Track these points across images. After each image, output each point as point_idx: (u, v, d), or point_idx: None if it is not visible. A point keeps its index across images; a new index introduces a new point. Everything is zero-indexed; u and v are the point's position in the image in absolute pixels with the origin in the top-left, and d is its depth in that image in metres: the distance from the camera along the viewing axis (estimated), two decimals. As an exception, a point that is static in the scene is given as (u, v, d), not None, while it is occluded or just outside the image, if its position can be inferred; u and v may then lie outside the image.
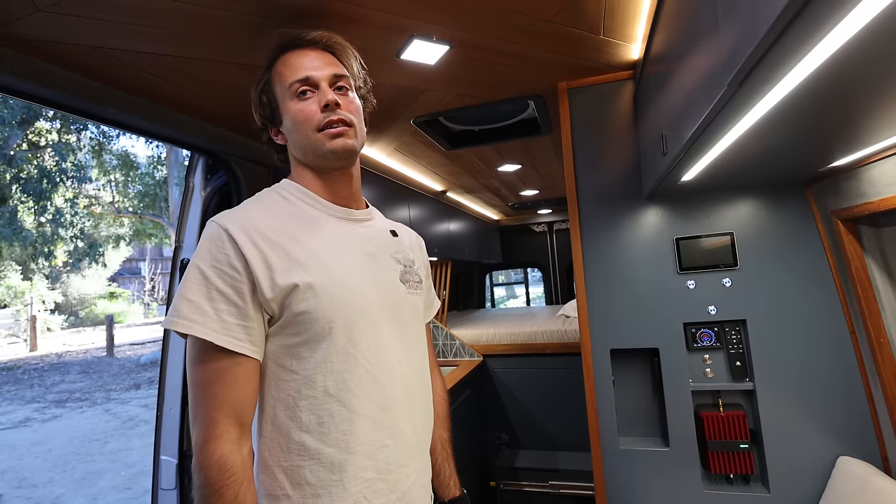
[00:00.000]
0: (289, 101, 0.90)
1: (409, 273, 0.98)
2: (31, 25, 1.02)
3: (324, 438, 0.79)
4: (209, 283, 0.77)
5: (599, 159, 1.70)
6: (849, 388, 1.40)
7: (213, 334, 0.75)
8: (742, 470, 1.49)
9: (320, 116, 0.88)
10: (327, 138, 0.88)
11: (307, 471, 0.79)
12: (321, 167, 0.92)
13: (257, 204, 0.89)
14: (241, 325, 0.77)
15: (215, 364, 0.76)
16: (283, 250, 0.81)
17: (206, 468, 0.72)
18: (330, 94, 0.88)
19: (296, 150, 0.94)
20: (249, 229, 0.81)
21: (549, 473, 2.81)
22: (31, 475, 4.68)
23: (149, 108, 1.42)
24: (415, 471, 0.90)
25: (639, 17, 1.29)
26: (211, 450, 0.73)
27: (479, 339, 3.32)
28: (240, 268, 0.78)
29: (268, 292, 0.78)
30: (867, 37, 0.49)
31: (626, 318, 1.61)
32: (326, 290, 0.80)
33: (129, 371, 9.72)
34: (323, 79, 0.90)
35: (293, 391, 0.80)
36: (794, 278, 1.48)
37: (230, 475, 0.73)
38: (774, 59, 0.57)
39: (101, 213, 14.74)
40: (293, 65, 0.91)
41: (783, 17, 0.48)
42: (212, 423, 0.74)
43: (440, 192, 3.44)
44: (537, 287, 6.52)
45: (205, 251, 0.79)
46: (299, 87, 0.89)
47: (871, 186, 1.15)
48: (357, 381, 0.81)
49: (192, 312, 0.76)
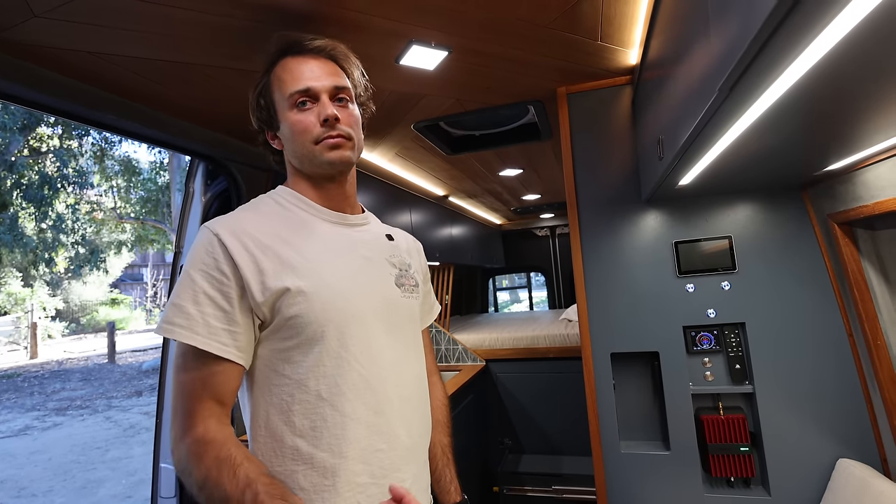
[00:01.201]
0: (288, 111, 0.89)
1: (404, 277, 0.97)
2: (28, 31, 1.03)
3: (316, 443, 0.79)
4: (196, 287, 0.77)
5: (599, 164, 1.71)
6: (847, 390, 1.41)
7: (198, 338, 0.75)
8: (743, 473, 1.48)
9: (319, 130, 0.87)
10: (325, 149, 0.88)
11: (300, 475, 0.78)
12: (317, 175, 0.93)
13: (251, 209, 0.90)
14: (227, 330, 0.77)
15: (199, 368, 0.77)
16: (274, 254, 0.81)
17: (185, 451, 0.73)
18: (330, 109, 0.87)
19: (292, 158, 0.94)
20: (241, 234, 0.81)
21: (552, 478, 2.81)
22: (30, 484, 4.65)
23: (148, 114, 1.43)
24: (411, 475, 0.89)
25: (636, 23, 1.31)
26: (187, 436, 0.74)
27: (481, 344, 3.32)
28: (228, 272, 0.78)
29: (258, 296, 0.78)
30: (854, 42, 0.50)
31: (627, 321, 1.61)
32: (318, 294, 0.80)
33: (131, 378, 9.70)
34: (324, 90, 0.89)
35: (286, 395, 0.80)
36: (792, 281, 1.49)
37: (208, 441, 0.73)
38: (764, 63, 0.58)
39: (102, 219, 14.75)
40: (294, 73, 0.89)
41: (770, 21, 0.48)
42: (188, 414, 0.75)
43: (442, 197, 3.46)
44: (540, 291, 6.50)
45: (194, 256, 0.80)
46: (299, 97, 0.88)
47: (866, 190, 1.16)
48: (350, 385, 0.81)
49: (178, 317, 0.76)
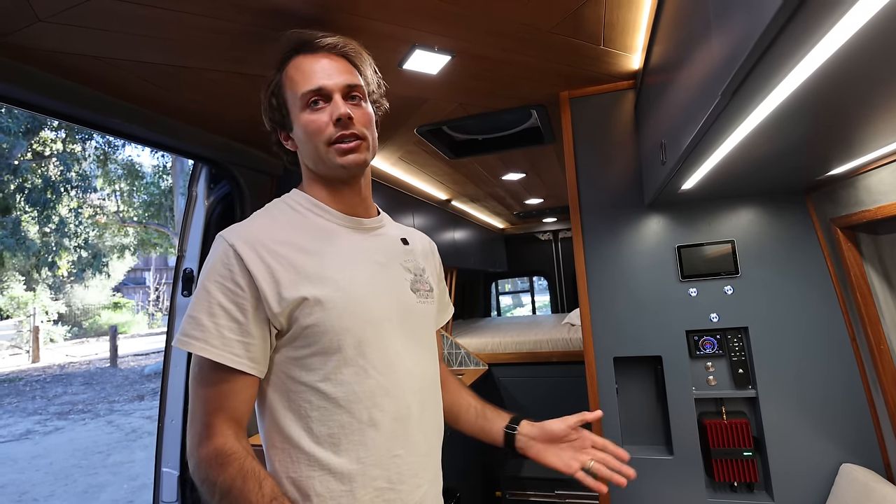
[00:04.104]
0: (300, 111, 0.87)
1: (419, 282, 0.96)
2: (32, 35, 1.03)
3: (335, 450, 0.79)
4: (211, 299, 0.78)
5: (601, 168, 1.71)
6: (850, 394, 1.40)
7: (212, 351, 0.76)
8: (746, 478, 1.48)
9: (332, 130, 0.85)
10: (339, 153, 0.86)
11: (317, 482, 0.78)
12: (331, 178, 0.92)
13: (266, 217, 0.89)
14: (241, 342, 0.78)
15: (214, 378, 0.78)
16: (290, 264, 0.81)
17: (205, 459, 0.75)
18: (343, 108, 0.85)
19: (306, 159, 0.93)
20: (256, 244, 0.80)
21: (555, 482, 2.80)
22: (31, 489, 4.65)
23: (151, 118, 1.43)
24: (427, 481, 0.89)
25: (638, 28, 1.31)
26: (206, 445, 0.76)
27: (484, 348, 3.32)
28: (243, 284, 0.78)
29: (275, 306, 0.78)
30: (856, 48, 0.50)
31: (629, 325, 1.61)
32: (335, 303, 0.80)
33: (133, 382, 9.70)
34: (336, 89, 0.86)
35: (304, 402, 0.80)
36: (794, 286, 1.48)
37: (230, 453, 0.74)
38: (766, 68, 0.58)
39: (105, 223, 14.75)
40: (306, 72, 0.87)
41: (772, 26, 0.49)
42: (206, 426, 0.77)
43: (445, 201, 3.46)
44: (543, 295, 6.50)
45: (211, 267, 0.80)
46: (311, 97, 0.86)
47: (868, 194, 1.16)
48: (368, 393, 0.81)
49: (194, 329, 0.77)
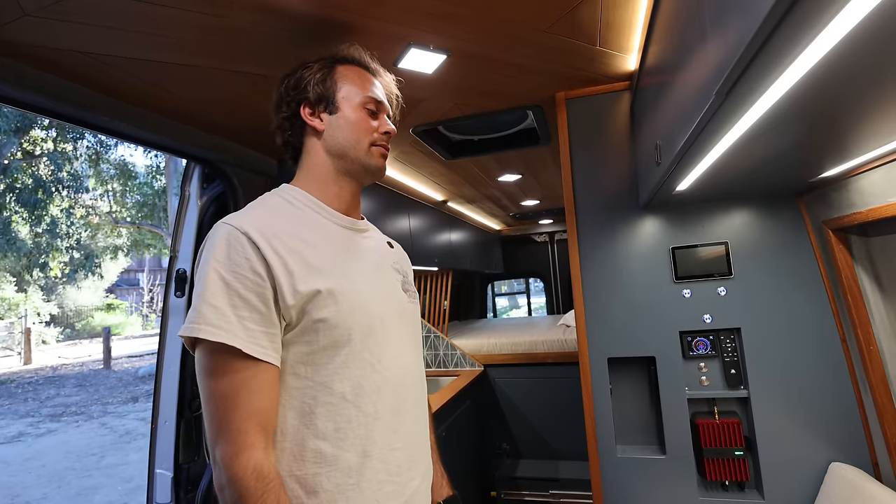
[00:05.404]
0: (358, 107, 0.96)
1: (407, 283, 1.02)
2: (18, 30, 1.00)
3: (341, 444, 0.79)
4: (230, 289, 0.75)
5: (597, 169, 1.71)
6: (840, 394, 1.42)
7: (240, 341, 0.73)
8: (737, 477, 1.49)
9: (378, 136, 0.97)
10: (377, 155, 0.97)
11: (324, 478, 0.78)
12: (351, 171, 0.96)
13: (264, 207, 0.88)
14: (265, 333, 0.76)
15: (240, 373, 0.74)
16: (300, 256, 0.80)
17: (243, 479, 0.71)
18: (391, 126, 0.99)
19: (333, 145, 0.95)
20: (268, 233, 0.79)
21: (550, 483, 2.81)
22: (23, 492, 4.60)
23: (143, 116, 1.40)
24: (420, 474, 0.91)
25: (634, 29, 1.32)
26: (245, 460, 0.72)
27: (479, 349, 3.33)
28: (263, 273, 0.76)
29: (289, 299, 0.77)
30: (848, 49, 0.51)
31: (624, 326, 1.62)
32: (347, 297, 0.82)
33: (127, 384, 9.62)
34: (388, 111, 1.02)
35: (308, 398, 0.80)
36: (787, 287, 1.50)
37: (268, 482, 0.72)
38: (760, 67, 0.59)
39: (98, 224, 14.61)
40: (371, 82, 1.00)
41: (766, 25, 0.49)
42: (242, 433, 0.73)
43: (441, 202, 3.46)
44: (539, 297, 6.52)
45: (223, 255, 0.76)
46: (373, 104, 0.97)
47: (859, 196, 1.17)
48: (374, 387, 0.83)
49: (218, 319, 0.73)
